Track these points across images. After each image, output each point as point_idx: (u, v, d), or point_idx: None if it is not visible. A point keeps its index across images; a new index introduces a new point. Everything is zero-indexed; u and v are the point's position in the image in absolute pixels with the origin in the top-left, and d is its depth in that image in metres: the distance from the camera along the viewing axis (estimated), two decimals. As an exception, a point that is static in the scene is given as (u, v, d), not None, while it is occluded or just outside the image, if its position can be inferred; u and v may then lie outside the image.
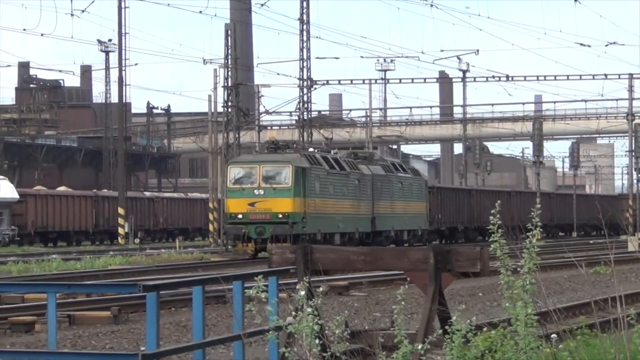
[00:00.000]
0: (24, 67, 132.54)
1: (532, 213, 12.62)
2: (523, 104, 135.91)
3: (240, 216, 56.42)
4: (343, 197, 64.39)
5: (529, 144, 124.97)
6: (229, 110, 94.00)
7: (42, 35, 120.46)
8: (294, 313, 13.21)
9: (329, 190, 62.17)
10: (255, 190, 56.53)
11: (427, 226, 79.16)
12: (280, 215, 56.03)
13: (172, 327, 24.00)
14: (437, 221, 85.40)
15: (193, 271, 46.84)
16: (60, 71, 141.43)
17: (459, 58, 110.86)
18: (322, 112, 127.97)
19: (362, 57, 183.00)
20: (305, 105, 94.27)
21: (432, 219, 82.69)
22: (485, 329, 12.94)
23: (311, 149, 71.79)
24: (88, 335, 23.99)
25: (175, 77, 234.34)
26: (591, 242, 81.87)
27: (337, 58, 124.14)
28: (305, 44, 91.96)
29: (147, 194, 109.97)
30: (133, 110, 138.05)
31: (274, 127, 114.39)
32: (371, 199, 69.23)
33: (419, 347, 12.55)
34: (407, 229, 75.24)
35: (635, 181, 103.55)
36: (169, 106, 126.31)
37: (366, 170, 69.96)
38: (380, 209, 70.44)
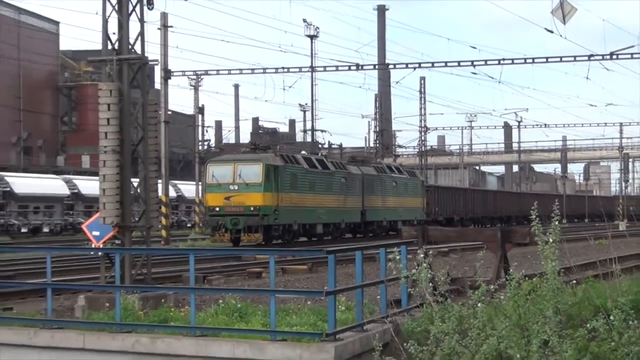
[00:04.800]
0: (255, 120, 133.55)
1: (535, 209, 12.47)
2: (555, 141, 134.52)
3: (217, 209, 42.45)
4: (326, 192, 48.92)
5: (558, 165, 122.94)
6: (377, 145, 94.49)
7: (266, 101, 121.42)
8: (416, 267, 13.17)
9: (308, 186, 46.96)
10: (231, 186, 42.37)
11: (424, 217, 61.97)
12: (252, 208, 41.94)
13: (344, 275, 24.01)
14: (435, 213, 67.28)
15: (358, 242, 46.46)
16: (276, 122, 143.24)
17: (516, 114, 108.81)
18: (432, 146, 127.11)
19: (457, 113, 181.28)
20: (423, 142, 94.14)
21: (430, 212, 65.70)
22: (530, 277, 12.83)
23: (303, 152, 58.32)
24: (293, 280, 24.12)
25: (345, 125, 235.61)
26: (596, 224, 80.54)
27: (442, 114, 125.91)
28: (422, 105, 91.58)
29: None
30: (320, 146, 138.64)
31: (404, 155, 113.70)
32: (361, 195, 53.25)
33: (491, 287, 12.45)
34: (402, 220, 57.56)
35: (623, 188, 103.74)
36: (341, 144, 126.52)
37: (355, 170, 53.82)
38: (371, 203, 54.36)
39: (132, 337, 13.45)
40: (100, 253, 17.62)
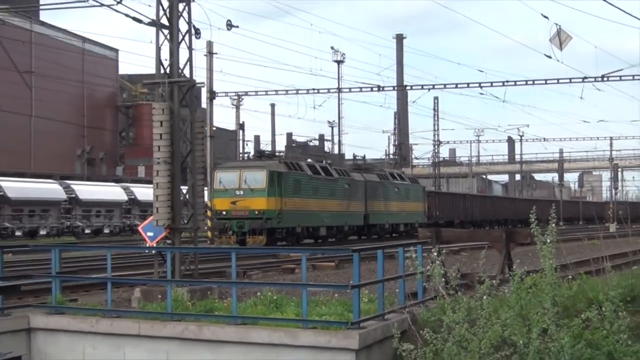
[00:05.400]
0: (289, 135, 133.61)
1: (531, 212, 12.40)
2: (553, 153, 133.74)
3: (224, 213, 39.42)
4: (329, 197, 45.30)
5: (556, 174, 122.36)
6: (396, 157, 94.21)
7: (298, 118, 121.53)
8: (430, 264, 13.14)
9: (311, 191, 43.51)
10: (237, 191, 39.48)
11: (425, 220, 57.93)
12: (257, 212, 38.93)
13: (367, 271, 23.91)
14: (435, 217, 63.07)
15: (362, 243, 45.99)
16: (307, 137, 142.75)
17: (518, 129, 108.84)
18: (445, 158, 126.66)
19: (466, 128, 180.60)
20: (436, 154, 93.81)
21: (431, 215, 61.72)
22: (531, 273, 12.79)
23: (309, 160, 53.87)
24: (322, 275, 24.08)
25: (368, 140, 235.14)
26: (590, 227, 79.90)
27: (452, 129, 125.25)
28: (436, 122, 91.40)
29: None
30: (346, 157, 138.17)
31: (419, 165, 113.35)
32: (364, 200, 49.68)
33: (494, 282, 12.42)
34: (404, 223, 54.82)
35: (613, 194, 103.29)
36: (364, 155, 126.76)
37: (359, 177, 50.17)
38: (374, 207, 50.84)
39: (181, 325, 13.52)
40: (153, 251, 17.69)
